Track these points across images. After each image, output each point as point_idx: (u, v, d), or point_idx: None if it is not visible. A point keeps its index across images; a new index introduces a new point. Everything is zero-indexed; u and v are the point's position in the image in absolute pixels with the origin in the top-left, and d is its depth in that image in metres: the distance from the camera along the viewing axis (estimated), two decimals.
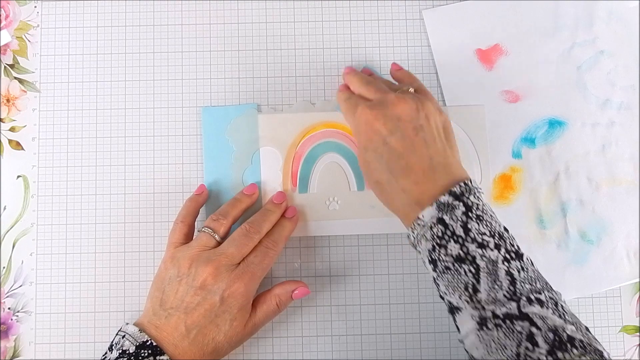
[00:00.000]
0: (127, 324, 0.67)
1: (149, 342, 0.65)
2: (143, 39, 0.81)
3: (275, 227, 0.74)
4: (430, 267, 0.64)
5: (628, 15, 0.81)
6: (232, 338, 0.69)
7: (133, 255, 0.78)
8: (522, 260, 0.61)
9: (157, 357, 0.65)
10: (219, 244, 0.71)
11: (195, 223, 0.75)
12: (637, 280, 0.78)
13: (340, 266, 0.78)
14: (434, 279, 0.64)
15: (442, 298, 0.64)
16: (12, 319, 0.76)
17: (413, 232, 0.65)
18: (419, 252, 0.66)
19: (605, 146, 0.79)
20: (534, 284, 0.60)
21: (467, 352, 0.61)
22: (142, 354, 0.65)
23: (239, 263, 0.70)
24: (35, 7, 0.81)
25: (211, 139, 0.79)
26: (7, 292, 0.77)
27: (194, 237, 0.73)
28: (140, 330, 0.66)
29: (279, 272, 0.78)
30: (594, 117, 0.80)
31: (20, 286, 0.77)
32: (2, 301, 0.76)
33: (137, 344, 0.65)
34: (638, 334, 0.78)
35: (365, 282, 0.78)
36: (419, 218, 0.64)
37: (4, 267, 0.77)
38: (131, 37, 0.81)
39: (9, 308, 0.76)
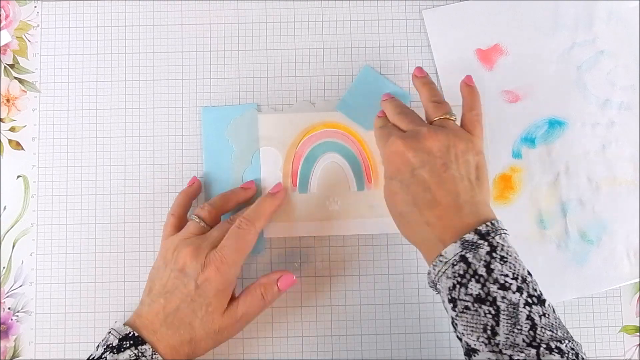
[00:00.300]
0: (116, 321, 0.67)
1: (131, 333, 0.65)
2: (143, 39, 0.81)
3: (253, 205, 0.73)
4: (449, 306, 0.62)
5: (628, 15, 0.81)
6: (208, 326, 0.67)
7: (133, 255, 0.78)
8: (544, 306, 0.60)
9: (139, 347, 0.64)
10: (206, 231, 0.72)
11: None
12: (637, 280, 0.77)
13: (340, 266, 0.78)
14: (452, 319, 0.62)
15: (460, 339, 0.63)
16: (12, 319, 0.76)
17: (434, 269, 0.63)
18: (438, 291, 0.65)
19: (605, 146, 0.79)
20: (555, 332, 0.59)
21: None
22: (124, 345, 0.64)
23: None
24: (35, 7, 0.81)
25: (211, 139, 0.79)
26: (7, 292, 0.77)
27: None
28: (125, 325, 0.67)
29: None
30: (594, 117, 0.80)
31: (20, 286, 0.77)
32: (2, 301, 0.76)
33: (120, 337, 0.65)
34: (638, 334, 0.78)
35: (365, 282, 0.78)
36: (441, 254, 0.62)
37: (4, 267, 0.77)
38: (131, 37, 0.81)
39: (9, 308, 0.76)
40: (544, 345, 0.57)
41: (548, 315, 0.60)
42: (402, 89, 0.80)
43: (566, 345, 0.58)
